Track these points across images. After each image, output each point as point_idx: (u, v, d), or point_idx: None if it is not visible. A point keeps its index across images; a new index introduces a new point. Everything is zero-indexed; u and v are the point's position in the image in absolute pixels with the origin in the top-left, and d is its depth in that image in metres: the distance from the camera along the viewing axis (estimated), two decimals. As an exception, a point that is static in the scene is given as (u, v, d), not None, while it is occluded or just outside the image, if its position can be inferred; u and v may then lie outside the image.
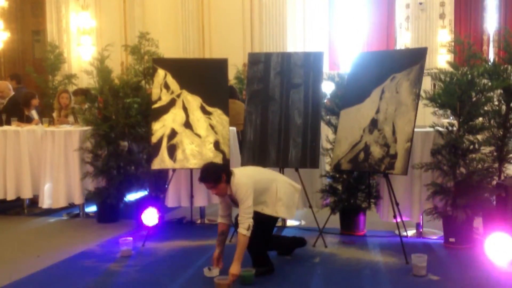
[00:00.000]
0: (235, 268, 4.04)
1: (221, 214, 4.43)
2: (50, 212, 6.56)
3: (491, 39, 14.38)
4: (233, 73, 11.20)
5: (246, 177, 4.22)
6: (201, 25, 13.63)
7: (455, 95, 4.95)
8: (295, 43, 13.80)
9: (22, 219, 6.57)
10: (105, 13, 13.49)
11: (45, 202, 6.34)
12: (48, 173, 6.32)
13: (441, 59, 13.72)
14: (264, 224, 4.30)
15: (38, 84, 9.57)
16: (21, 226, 6.25)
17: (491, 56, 13.09)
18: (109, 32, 13.09)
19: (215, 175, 4.15)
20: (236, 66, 11.42)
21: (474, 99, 5.01)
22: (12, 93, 7.90)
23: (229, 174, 4.20)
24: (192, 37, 13.62)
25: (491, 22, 14.39)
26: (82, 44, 12.29)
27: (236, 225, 4.30)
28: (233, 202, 4.31)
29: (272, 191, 4.33)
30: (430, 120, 6.47)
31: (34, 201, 6.85)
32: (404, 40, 14.60)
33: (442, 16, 14.32)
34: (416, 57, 4.93)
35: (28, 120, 7.30)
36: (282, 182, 4.45)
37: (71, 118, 6.81)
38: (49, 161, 6.31)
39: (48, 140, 6.32)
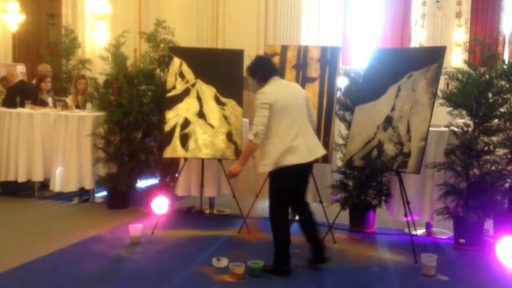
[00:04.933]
0: (235, 165, 4.24)
1: None
2: (60, 195, 6.60)
3: (506, 40, 14.23)
4: (246, 64, 11.16)
5: (273, 95, 4.12)
6: (216, 15, 13.57)
7: (472, 95, 4.92)
8: (309, 36, 13.72)
9: (33, 201, 6.61)
10: (121, -1, 13.47)
11: (56, 186, 6.38)
12: (60, 157, 6.36)
13: (455, 58, 13.61)
14: (269, 184, 4.26)
15: (53, 68, 9.59)
16: (31, 208, 6.28)
17: (506, 57, 12.97)
18: (123, 18, 13.07)
19: (251, 69, 4.37)
20: (249, 57, 11.37)
21: (491, 100, 4.97)
22: (17, 79, 7.90)
23: (266, 75, 4.24)
24: (206, 26, 13.57)
25: (507, 22, 14.22)
26: (97, 29, 12.27)
27: None
28: None
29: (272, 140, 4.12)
30: (443, 119, 6.43)
31: (44, 184, 6.89)
32: (419, 38, 14.46)
33: (458, 15, 14.18)
34: (434, 56, 4.89)
35: (42, 103, 7.32)
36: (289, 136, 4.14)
37: (89, 104, 6.81)
38: (61, 145, 6.35)
39: (61, 124, 6.35)
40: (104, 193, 6.58)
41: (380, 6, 14.58)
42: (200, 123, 5.54)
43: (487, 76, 4.96)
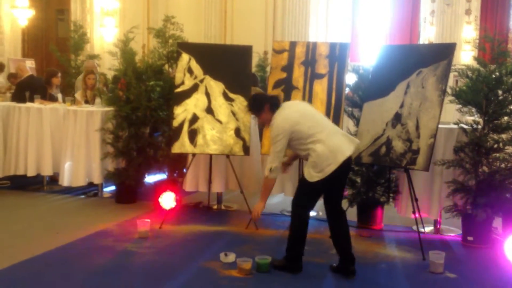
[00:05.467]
0: (257, 205, 4.23)
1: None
2: (69, 190, 6.64)
3: (516, 37, 14.14)
4: (254, 61, 11.16)
5: (286, 120, 4.03)
6: (224, 11, 13.57)
7: (482, 92, 4.90)
8: (317, 32, 13.69)
9: (42, 195, 6.65)
10: (129, -5, 13.49)
11: (65, 180, 6.42)
12: (69, 152, 6.39)
13: (465, 55, 13.55)
14: (302, 183, 4.16)
15: (61, 63, 9.64)
16: (40, 202, 6.32)
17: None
18: (132, 14, 13.11)
19: (258, 104, 4.22)
20: (258, 53, 11.38)
21: (500, 97, 4.94)
22: (26, 74, 7.93)
23: (274, 105, 4.16)
24: (214, 22, 13.58)
25: (517, 20, 14.14)
26: (105, 25, 12.31)
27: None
28: None
29: (310, 150, 4.01)
30: (452, 116, 6.40)
31: (53, 178, 6.94)
32: (428, 35, 14.41)
33: (468, 12, 14.10)
34: (444, 53, 4.87)
35: (51, 98, 7.36)
36: (324, 141, 4.00)
37: (98, 99, 6.84)
38: (70, 139, 6.38)
39: (70, 119, 6.39)
40: (113, 187, 6.62)
41: (389, 2, 14.53)
42: (208, 119, 5.55)
43: (497, 73, 4.94)
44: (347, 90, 5.88)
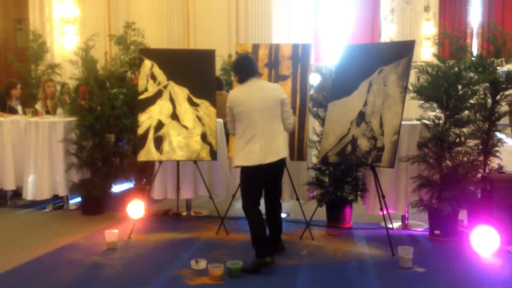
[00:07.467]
0: None
1: None
2: (34, 204, 6.48)
3: (474, 32, 14.50)
4: (219, 64, 11.13)
5: (234, 100, 4.38)
6: (186, 15, 13.50)
7: (442, 88, 4.99)
8: (280, 34, 13.74)
9: (5, 211, 6.48)
10: (89, 2, 13.25)
11: (29, 194, 6.26)
12: (32, 165, 6.24)
13: (425, 51, 13.80)
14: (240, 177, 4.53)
15: (21, 74, 9.42)
16: (4, 218, 6.16)
17: (474, 50, 13.20)
18: (92, 21, 12.89)
19: (233, 69, 4.71)
20: (222, 57, 11.36)
21: (460, 92, 5.05)
22: None
23: (242, 79, 4.44)
24: (177, 27, 13.49)
25: (475, 15, 14.50)
26: (66, 33, 12.08)
27: None
28: None
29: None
30: (415, 113, 6.51)
31: (17, 192, 6.76)
32: (389, 33, 14.63)
33: (426, 9, 14.37)
34: (403, 50, 4.94)
35: (11, 110, 7.18)
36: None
37: (59, 110, 6.69)
38: (33, 152, 6.23)
39: (32, 131, 6.23)
40: (79, 199, 6.48)
41: (350, 2, 14.70)
42: (174, 125, 5.50)
43: (456, 69, 5.04)
44: (311, 90, 5.91)
